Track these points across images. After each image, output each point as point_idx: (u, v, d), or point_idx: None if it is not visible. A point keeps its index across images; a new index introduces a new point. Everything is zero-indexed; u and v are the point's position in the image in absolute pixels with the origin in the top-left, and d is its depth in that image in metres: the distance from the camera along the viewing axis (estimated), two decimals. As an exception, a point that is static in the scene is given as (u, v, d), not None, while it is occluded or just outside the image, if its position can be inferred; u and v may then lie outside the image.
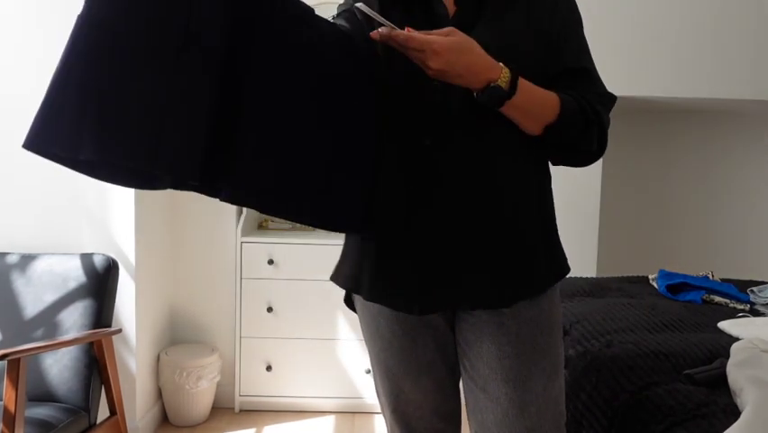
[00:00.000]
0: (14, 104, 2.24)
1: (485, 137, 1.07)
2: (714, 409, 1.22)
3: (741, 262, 3.41)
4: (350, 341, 2.74)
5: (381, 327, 1.22)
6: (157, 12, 0.90)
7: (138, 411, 2.41)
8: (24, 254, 2.01)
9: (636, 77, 2.91)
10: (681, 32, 2.91)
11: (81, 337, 1.79)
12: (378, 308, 1.21)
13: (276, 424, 2.66)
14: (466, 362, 1.16)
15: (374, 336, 1.25)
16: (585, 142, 1.08)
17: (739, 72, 2.93)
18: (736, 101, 3.00)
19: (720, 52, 2.93)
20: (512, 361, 1.08)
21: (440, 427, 1.28)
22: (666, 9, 2.91)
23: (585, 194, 2.95)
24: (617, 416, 1.34)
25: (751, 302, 2.15)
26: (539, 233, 1.12)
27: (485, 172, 1.07)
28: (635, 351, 1.55)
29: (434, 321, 1.17)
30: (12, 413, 1.51)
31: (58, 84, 0.91)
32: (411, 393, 1.23)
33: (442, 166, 1.07)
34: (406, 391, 1.23)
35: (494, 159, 1.07)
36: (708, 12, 2.91)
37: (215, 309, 2.78)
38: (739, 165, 3.46)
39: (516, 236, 1.09)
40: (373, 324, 1.25)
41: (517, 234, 1.09)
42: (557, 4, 1.15)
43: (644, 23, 2.90)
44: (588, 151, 1.09)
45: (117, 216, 2.31)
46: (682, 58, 2.92)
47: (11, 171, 2.27)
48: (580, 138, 1.07)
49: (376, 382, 1.30)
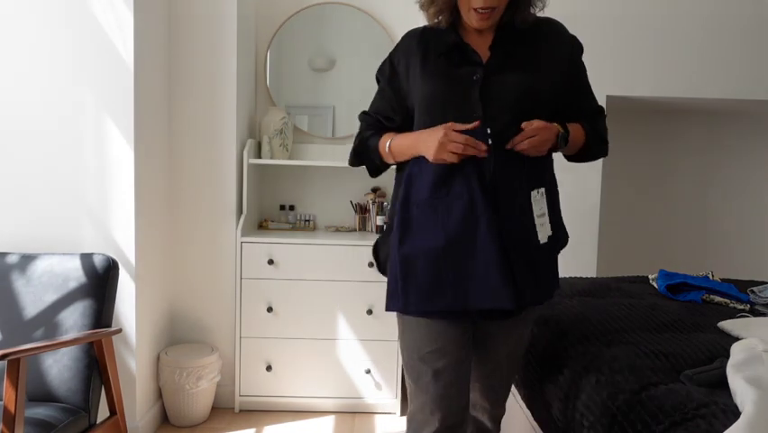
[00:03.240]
0: (15, 104, 2.25)
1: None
2: (714, 409, 1.22)
3: (741, 262, 3.42)
4: (350, 341, 2.74)
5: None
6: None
7: (138, 411, 2.41)
8: (24, 254, 2.01)
9: (637, 77, 2.92)
10: (682, 34, 2.91)
11: (81, 337, 1.79)
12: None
13: (276, 424, 2.66)
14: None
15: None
16: (598, 156, 1.60)
17: (739, 72, 2.94)
18: (736, 101, 3.00)
19: (720, 53, 2.93)
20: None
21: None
22: (666, 9, 2.91)
23: (585, 194, 2.95)
24: (618, 416, 1.34)
25: (751, 302, 2.15)
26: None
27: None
28: (635, 351, 1.55)
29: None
30: (12, 413, 1.51)
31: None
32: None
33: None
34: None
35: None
36: (709, 12, 2.92)
37: (215, 309, 2.78)
38: (739, 165, 3.47)
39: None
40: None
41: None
42: (572, 55, 1.52)
43: (645, 23, 2.90)
44: (598, 158, 1.61)
45: (117, 216, 2.31)
46: (683, 58, 2.92)
47: (11, 172, 2.27)
48: (596, 154, 1.59)
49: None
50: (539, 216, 1.41)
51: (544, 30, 1.48)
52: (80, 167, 2.29)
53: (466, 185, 1.36)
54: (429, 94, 1.43)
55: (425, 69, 1.44)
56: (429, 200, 1.39)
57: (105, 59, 2.26)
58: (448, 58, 1.43)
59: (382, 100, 1.55)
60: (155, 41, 2.50)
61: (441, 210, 1.38)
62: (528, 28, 1.45)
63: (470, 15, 1.41)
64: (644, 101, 3.08)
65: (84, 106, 2.27)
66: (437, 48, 1.45)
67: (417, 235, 1.40)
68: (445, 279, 1.37)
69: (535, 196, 1.41)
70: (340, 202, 3.08)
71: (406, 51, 1.49)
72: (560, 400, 1.59)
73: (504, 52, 1.43)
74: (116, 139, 2.29)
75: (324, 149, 3.03)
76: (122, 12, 2.25)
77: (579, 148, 1.52)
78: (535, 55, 1.44)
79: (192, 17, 2.65)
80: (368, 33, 3.02)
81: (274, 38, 3.02)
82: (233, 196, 2.73)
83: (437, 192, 1.39)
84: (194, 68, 2.67)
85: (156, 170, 2.54)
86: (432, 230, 1.39)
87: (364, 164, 1.60)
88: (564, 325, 1.85)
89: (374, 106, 1.58)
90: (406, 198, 1.43)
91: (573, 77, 1.51)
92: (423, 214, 1.40)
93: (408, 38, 1.52)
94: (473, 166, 1.36)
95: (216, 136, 2.70)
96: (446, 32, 1.46)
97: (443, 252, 1.37)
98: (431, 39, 1.47)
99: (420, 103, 1.45)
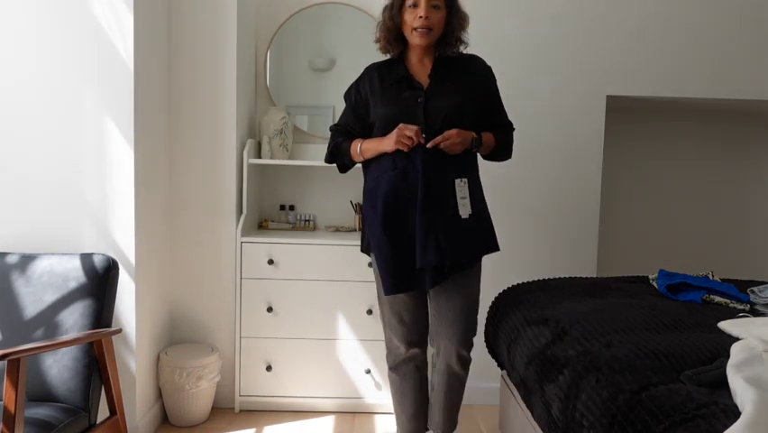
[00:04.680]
0: (15, 104, 2.25)
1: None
2: (714, 409, 1.22)
3: (741, 262, 3.42)
4: (350, 341, 2.74)
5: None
6: None
7: (138, 411, 2.41)
8: (24, 254, 2.01)
9: (638, 77, 2.92)
10: (683, 33, 2.91)
11: (81, 337, 1.79)
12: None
13: (276, 424, 2.66)
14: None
15: None
16: (505, 158, 2.16)
17: (740, 72, 2.94)
18: (736, 101, 3.00)
19: (721, 53, 2.93)
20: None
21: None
22: (666, 9, 2.91)
23: (585, 194, 2.95)
24: (618, 416, 1.34)
25: (751, 302, 2.15)
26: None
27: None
28: (635, 351, 1.55)
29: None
30: (12, 413, 1.51)
31: None
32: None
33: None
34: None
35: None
36: (709, 12, 2.92)
37: (215, 309, 2.78)
38: (739, 165, 3.47)
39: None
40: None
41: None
42: (487, 82, 2.08)
43: (645, 23, 2.90)
44: (505, 159, 2.17)
45: (117, 216, 2.31)
46: (684, 58, 2.92)
47: (11, 172, 2.27)
48: (503, 156, 2.15)
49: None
50: (461, 198, 1.94)
51: (468, 63, 2.06)
52: (80, 167, 2.29)
53: (411, 176, 1.94)
54: (386, 114, 1.99)
55: (383, 94, 2.01)
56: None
57: (105, 59, 2.26)
58: (398, 86, 2.00)
59: (348, 117, 2.12)
60: (155, 41, 2.50)
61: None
62: (457, 60, 2.03)
63: (413, 35, 1.97)
64: (645, 101, 3.08)
65: (84, 106, 2.27)
66: (390, 78, 2.02)
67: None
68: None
69: (459, 183, 1.94)
70: (340, 202, 3.08)
71: (370, 81, 2.06)
72: (560, 400, 1.59)
73: (439, 79, 2.00)
74: (116, 139, 2.29)
75: (324, 149, 3.02)
76: (122, 12, 2.25)
77: (490, 150, 2.08)
78: (462, 82, 2.01)
79: (192, 17, 2.65)
80: (368, 33, 3.00)
81: (274, 38, 3.02)
82: (232, 196, 2.73)
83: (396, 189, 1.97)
84: (194, 68, 2.67)
85: (156, 169, 2.54)
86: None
87: (336, 163, 2.15)
88: (564, 325, 1.85)
89: (342, 120, 2.15)
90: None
91: (489, 99, 2.07)
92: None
93: (369, 70, 2.10)
94: (417, 162, 1.92)
95: (216, 136, 2.70)
96: (396, 66, 2.04)
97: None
98: (385, 72, 2.05)
99: (381, 119, 2.00)
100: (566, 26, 2.88)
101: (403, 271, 1.94)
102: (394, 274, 1.94)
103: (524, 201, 2.93)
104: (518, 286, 2.43)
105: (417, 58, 2.04)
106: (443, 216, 1.91)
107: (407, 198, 1.92)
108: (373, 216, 1.98)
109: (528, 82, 2.89)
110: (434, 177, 1.92)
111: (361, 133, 2.08)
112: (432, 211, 1.90)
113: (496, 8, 2.88)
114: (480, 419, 2.80)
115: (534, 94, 2.89)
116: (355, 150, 2.04)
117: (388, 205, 1.93)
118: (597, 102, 2.91)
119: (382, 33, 2.04)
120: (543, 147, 2.91)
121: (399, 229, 1.94)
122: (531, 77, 2.89)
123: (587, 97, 2.91)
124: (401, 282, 1.95)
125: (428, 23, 1.92)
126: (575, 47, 2.88)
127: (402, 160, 1.93)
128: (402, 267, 1.94)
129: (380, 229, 1.94)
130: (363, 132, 2.07)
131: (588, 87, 2.90)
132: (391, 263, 1.94)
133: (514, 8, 2.88)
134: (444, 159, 1.92)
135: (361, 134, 2.08)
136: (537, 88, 2.89)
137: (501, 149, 2.10)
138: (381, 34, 2.04)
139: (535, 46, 2.89)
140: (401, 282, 1.95)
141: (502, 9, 2.87)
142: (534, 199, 2.94)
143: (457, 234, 1.92)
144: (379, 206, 1.95)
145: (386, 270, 1.95)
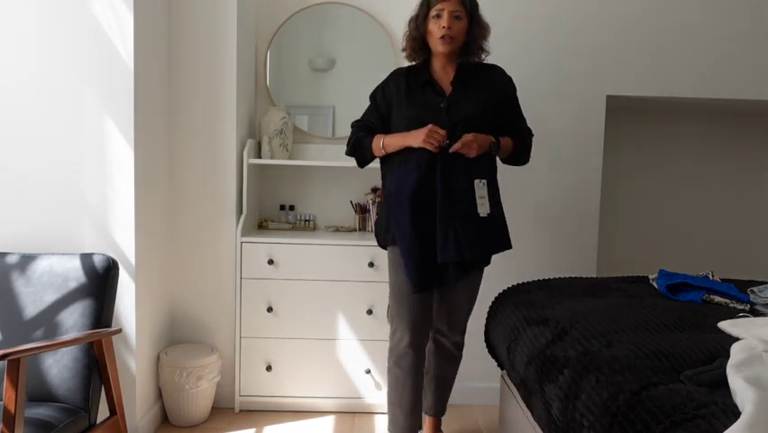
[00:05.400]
0: (15, 104, 2.25)
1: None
2: (714, 409, 1.22)
3: (741, 262, 3.42)
4: (350, 341, 2.74)
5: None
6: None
7: (138, 411, 2.41)
8: (24, 254, 2.01)
9: (638, 77, 2.92)
10: (683, 33, 2.91)
11: (81, 337, 1.79)
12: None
13: (276, 424, 2.66)
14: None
15: None
16: (523, 162, 2.28)
17: (740, 72, 2.94)
18: (736, 101, 3.00)
19: (721, 53, 2.93)
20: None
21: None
22: (666, 9, 2.91)
23: (585, 194, 2.95)
24: (618, 416, 1.34)
25: (751, 302, 2.14)
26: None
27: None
28: (635, 351, 1.55)
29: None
30: (12, 413, 1.51)
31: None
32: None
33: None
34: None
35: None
36: (709, 12, 2.92)
37: (215, 309, 2.78)
38: (739, 165, 3.47)
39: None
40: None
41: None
42: (507, 91, 2.20)
43: (645, 23, 2.90)
44: (523, 164, 2.29)
45: (117, 216, 2.31)
46: (684, 58, 2.92)
47: (11, 172, 2.27)
48: (521, 160, 2.27)
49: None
50: (480, 198, 2.07)
51: (489, 72, 2.19)
52: (80, 167, 2.29)
53: (433, 176, 2.07)
54: (412, 116, 2.10)
55: (409, 97, 2.13)
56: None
57: (105, 59, 2.26)
58: (423, 90, 2.13)
59: (371, 115, 2.24)
60: (155, 41, 2.50)
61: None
62: (479, 68, 2.16)
63: (436, 43, 2.09)
64: (644, 101, 3.08)
65: (84, 106, 2.27)
66: (416, 82, 2.15)
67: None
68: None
69: (478, 184, 2.08)
70: (340, 202, 3.08)
71: (396, 83, 2.18)
72: (560, 400, 1.59)
73: (461, 86, 2.12)
74: (116, 139, 2.29)
75: (324, 149, 3.03)
76: (122, 12, 2.25)
77: (508, 154, 2.20)
78: (483, 89, 2.13)
79: (192, 17, 2.65)
80: (368, 33, 3.02)
81: (274, 38, 3.02)
82: (232, 196, 2.73)
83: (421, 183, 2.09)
84: (194, 67, 2.67)
85: (156, 169, 2.54)
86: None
87: (356, 157, 2.25)
88: (564, 325, 1.85)
89: (365, 117, 2.25)
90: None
91: (509, 106, 2.20)
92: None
93: (397, 74, 2.21)
94: (439, 164, 2.05)
95: (216, 136, 2.70)
96: (422, 71, 2.16)
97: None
98: (411, 76, 2.17)
99: (405, 120, 2.11)
100: (566, 26, 2.88)
101: (429, 268, 2.06)
102: (423, 272, 2.05)
103: (524, 201, 2.93)
104: (518, 286, 2.43)
105: (441, 65, 2.15)
106: (462, 213, 2.03)
107: (431, 198, 2.04)
108: (400, 216, 2.07)
109: (528, 82, 2.89)
110: (455, 177, 2.05)
111: (382, 131, 2.19)
112: (452, 209, 2.03)
113: (495, 8, 2.87)
114: (479, 419, 2.80)
115: (534, 94, 2.89)
116: (378, 144, 2.14)
117: (414, 204, 2.04)
118: (597, 102, 2.91)
119: (408, 43, 2.17)
120: (543, 147, 2.91)
121: (425, 228, 2.05)
122: (531, 77, 2.89)
123: (587, 97, 2.91)
124: (429, 279, 2.07)
125: (451, 32, 2.05)
126: (575, 47, 2.88)
127: (426, 162, 2.04)
128: (429, 264, 2.06)
129: (410, 228, 2.04)
130: (384, 130, 2.19)
131: (588, 87, 2.90)
132: (420, 262, 2.05)
133: (514, 8, 2.88)
134: (464, 161, 2.04)
135: (381, 132, 2.18)
136: (537, 88, 2.89)
137: (519, 153, 2.22)
138: (407, 43, 2.18)
139: (535, 45, 2.89)
140: (429, 279, 2.07)
141: (502, 9, 2.87)
142: (534, 199, 2.94)
143: (475, 231, 2.05)
144: (405, 206, 2.05)
145: (414, 267, 2.05)
